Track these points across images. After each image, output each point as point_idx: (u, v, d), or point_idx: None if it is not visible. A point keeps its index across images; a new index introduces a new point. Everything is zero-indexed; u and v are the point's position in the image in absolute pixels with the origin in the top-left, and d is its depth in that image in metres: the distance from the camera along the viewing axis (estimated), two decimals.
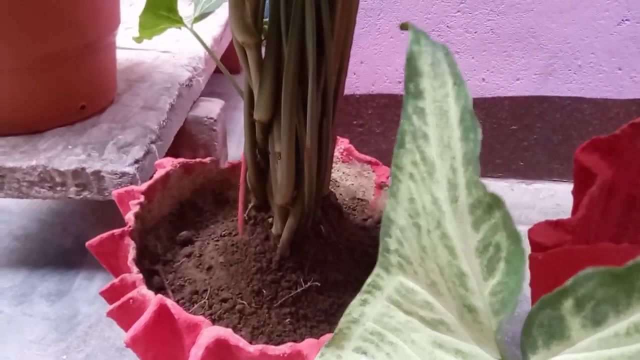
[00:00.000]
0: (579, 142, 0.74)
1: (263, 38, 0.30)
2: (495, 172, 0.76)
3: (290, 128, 0.30)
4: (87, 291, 0.59)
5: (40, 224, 0.69)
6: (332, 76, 0.30)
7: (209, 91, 0.90)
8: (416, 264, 0.14)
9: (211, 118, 0.73)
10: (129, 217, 0.34)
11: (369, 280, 0.16)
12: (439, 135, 0.14)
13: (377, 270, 0.15)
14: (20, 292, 0.58)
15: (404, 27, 0.14)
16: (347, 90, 0.69)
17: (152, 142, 0.58)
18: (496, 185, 0.78)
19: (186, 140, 0.77)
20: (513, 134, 0.73)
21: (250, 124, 0.33)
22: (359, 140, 0.74)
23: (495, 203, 0.13)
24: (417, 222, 0.14)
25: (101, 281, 0.60)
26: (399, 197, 0.14)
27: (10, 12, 0.46)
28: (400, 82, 0.70)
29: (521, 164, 0.74)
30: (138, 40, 0.36)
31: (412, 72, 0.14)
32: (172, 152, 0.75)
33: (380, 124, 0.72)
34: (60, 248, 0.65)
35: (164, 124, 0.62)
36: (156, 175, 0.39)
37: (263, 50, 0.31)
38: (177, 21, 0.35)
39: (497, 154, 0.75)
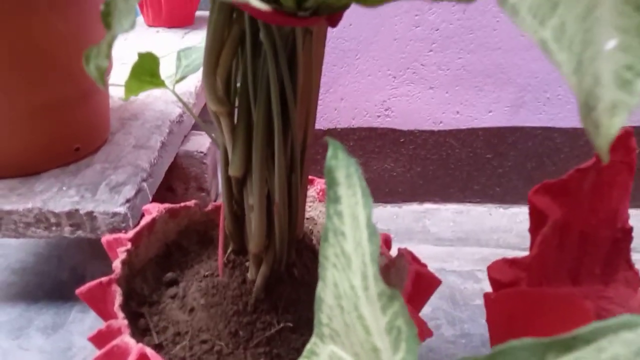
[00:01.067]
0: (552, 168, 0.78)
1: (236, 105, 0.33)
2: (474, 198, 0.79)
3: (260, 184, 0.34)
4: (82, 324, 0.61)
5: (37, 257, 0.72)
6: (298, 137, 0.34)
7: (203, 119, 0.94)
8: (343, 337, 0.17)
9: (201, 152, 0.77)
10: (116, 264, 0.37)
11: (307, 346, 0.19)
12: (353, 234, 0.17)
13: (314, 339, 0.19)
14: (17, 325, 0.61)
15: (326, 140, 0.18)
16: (330, 125, 0.73)
17: (144, 180, 0.61)
18: (475, 210, 0.81)
19: (178, 173, 0.80)
20: (489, 162, 0.76)
21: (227, 178, 0.36)
22: None
23: (394, 295, 0.16)
24: (340, 303, 0.17)
25: (95, 315, 0.63)
26: (326, 281, 0.17)
27: (9, 64, 0.50)
28: (379, 116, 0.73)
29: (498, 189, 0.78)
30: (126, 99, 0.40)
31: (331, 181, 0.17)
32: (164, 185, 0.78)
33: (362, 154, 0.75)
34: (56, 280, 0.68)
35: (155, 161, 0.65)
36: (143, 222, 0.42)
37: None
38: (160, 84, 0.38)
39: (475, 180, 0.78)
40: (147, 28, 1.12)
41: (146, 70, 0.36)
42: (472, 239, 0.79)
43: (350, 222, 0.17)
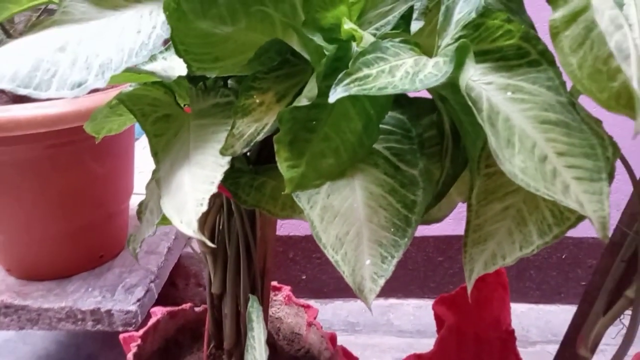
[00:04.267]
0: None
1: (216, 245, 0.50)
2: (431, 294, 0.92)
3: (232, 299, 0.49)
4: None
5: (58, 346, 0.86)
6: (258, 268, 0.49)
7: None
8: None
9: (200, 254, 0.93)
10: (129, 356, 0.51)
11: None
12: (258, 348, 0.32)
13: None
14: None
15: (251, 298, 0.34)
16: (306, 232, 0.89)
17: (152, 282, 0.77)
18: None
19: (180, 271, 0.96)
20: (441, 264, 0.91)
21: (210, 294, 0.51)
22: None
23: None
24: None
25: None
26: None
27: (58, 202, 0.67)
28: None
29: (451, 287, 0.91)
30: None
31: (249, 319, 0.33)
32: (168, 281, 0.93)
33: None
34: None
35: (162, 265, 0.81)
36: (150, 322, 0.57)
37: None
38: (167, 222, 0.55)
39: (431, 279, 0.92)
40: None
41: None
42: (430, 331, 0.92)
43: (257, 342, 0.32)
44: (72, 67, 0.31)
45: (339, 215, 0.30)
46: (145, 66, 0.40)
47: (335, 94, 0.25)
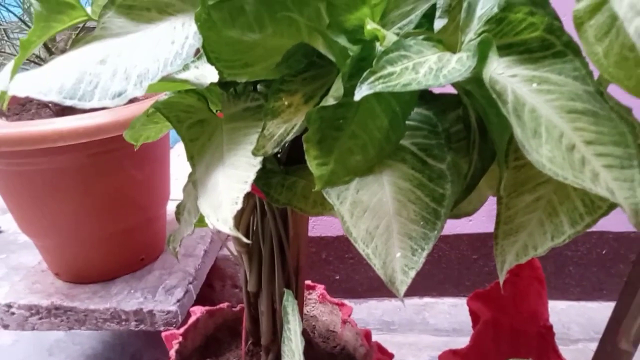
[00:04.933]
0: None
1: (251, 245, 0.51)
2: (466, 292, 0.91)
3: (267, 296, 0.50)
4: None
5: (104, 345, 0.90)
6: (292, 264, 0.51)
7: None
8: None
9: (236, 255, 0.95)
10: (172, 353, 0.53)
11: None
12: (294, 340, 0.33)
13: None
14: None
15: (286, 292, 0.35)
16: (339, 232, 0.90)
17: (190, 283, 0.79)
18: None
19: (216, 273, 0.98)
20: (475, 262, 0.90)
21: (246, 292, 0.53)
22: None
23: None
24: None
25: None
26: None
27: (101, 206, 0.71)
28: None
29: (486, 284, 0.90)
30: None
31: (285, 313, 0.34)
32: (205, 283, 0.95)
33: None
34: None
35: (199, 267, 0.84)
36: (190, 320, 0.59)
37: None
38: (204, 224, 0.57)
39: (466, 277, 0.92)
40: None
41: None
42: (466, 329, 0.91)
43: (293, 334, 0.33)
44: (112, 78, 0.33)
45: (368, 210, 0.31)
46: (179, 75, 0.42)
47: (361, 92, 0.26)
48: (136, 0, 0.37)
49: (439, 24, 0.36)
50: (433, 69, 0.28)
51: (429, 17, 0.36)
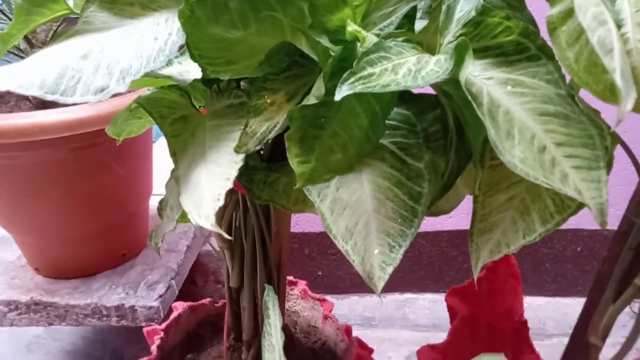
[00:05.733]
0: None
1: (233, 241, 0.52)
2: (446, 288, 0.93)
3: (249, 292, 0.51)
4: None
5: (85, 341, 0.89)
6: (274, 261, 0.51)
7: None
8: None
9: (219, 250, 0.95)
10: (153, 348, 0.53)
11: None
12: (274, 334, 0.34)
13: None
14: None
15: (267, 287, 0.35)
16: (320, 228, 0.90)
17: (172, 279, 0.79)
18: None
19: (199, 268, 0.98)
20: (455, 259, 0.92)
21: (229, 287, 0.53)
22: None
23: None
24: None
25: None
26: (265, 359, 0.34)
27: (83, 203, 0.70)
28: None
29: (466, 281, 0.92)
30: None
31: (266, 308, 0.34)
32: (188, 279, 0.95)
33: None
34: None
35: (182, 262, 0.84)
36: (172, 316, 0.59)
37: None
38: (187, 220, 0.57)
39: (446, 274, 0.93)
40: None
41: None
42: (446, 325, 0.93)
43: (273, 329, 0.34)
44: (95, 74, 0.33)
45: (348, 208, 0.32)
46: (162, 71, 0.42)
47: (341, 92, 0.26)
48: None
49: (420, 24, 0.37)
50: (412, 71, 0.29)
51: (409, 18, 0.37)
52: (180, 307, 0.61)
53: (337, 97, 0.26)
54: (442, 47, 0.32)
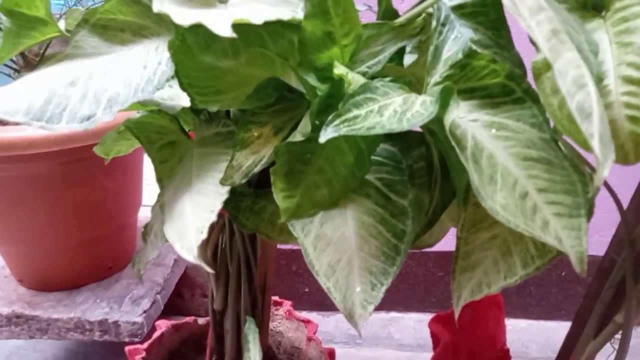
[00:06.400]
0: None
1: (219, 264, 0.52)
2: (432, 308, 0.93)
3: (233, 315, 0.51)
4: None
5: (67, 353, 0.88)
6: (259, 285, 0.51)
7: None
8: None
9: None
10: None
11: None
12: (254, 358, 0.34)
13: None
14: None
15: (248, 319, 0.35)
16: None
17: (158, 294, 0.79)
18: None
19: (186, 282, 0.97)
20: (441, 279, 0.92)
21: (212, 310, 0.53)
22: None
23: None
24: None
25: None
26: None
27: (72, 215, 0.70)
28: None
29: (451, 301, 0.92)
30: None
31: (246, 339, 0.34)
32: (174, 292, 0.95)
33: None
34: None
35: (168, 276, 0.83)
36: (155, 335, 0.59)
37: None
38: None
39: (431, 294, 0.93)
40: None
41: None
42: (430, 345, 0.93)
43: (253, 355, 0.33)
44: (82, 101, 0.33)
45: (331, 244, 0.32)
46: (152, 96, 0.42)
47: (326, 135, 0.27)
48: (110, 20, 0.37)
49: (409, 58, 0.38)
50: (397, 112, 0.29)
51: (399, 52, 0.37)
52: (163, 325, 0.61)
53: (322, 139, 0.26)
54: (428, 87, 0.32)
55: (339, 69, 0.29)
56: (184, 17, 0.27)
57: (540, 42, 0.21)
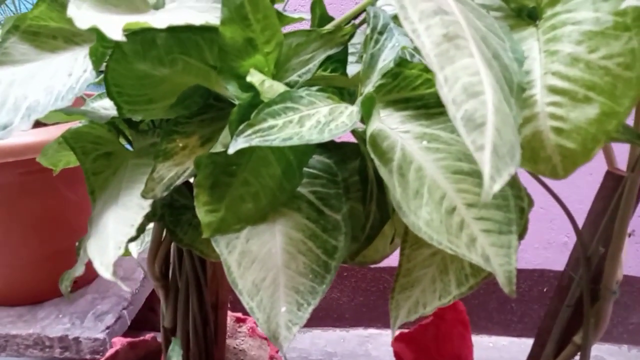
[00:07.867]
0: (474, 302, 0.90)
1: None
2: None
3: (183, 334, 0.49)
4: None
5: None
6: (209, 302, 0.49)
7: None
8: None
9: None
10: None
11: None
12: None
13: None
14: None
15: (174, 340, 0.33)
16: None
17: (124, 309, 0.77)
18: None
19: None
20: None
21: (164, 328, 0.51)
22: None
23: None
24: None
25: None
26: None
27: (31, 228, 0.68)
28: None
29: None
30: None
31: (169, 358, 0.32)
32: (147, 305, 0.92)
33: None
34: None
35: (137, 291, 0.81)
36: (108, 353, 0.57)
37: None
38: (127, 254, 0.55)
39: None
40: None
41: None
42: None
43: None
44: (0, 109, 0.31)
45: (256, 261, 0.30)
46: (94, 103, 0.41)
47: (236, 145, 0.25)
48: (42, 27, 0.36)
49: (354, 68, 0.36)
50: (321, 122, 0.27)
51: (342, 62, 0.36)
52: (119, 343, 0.58)
53: (231, 150, 0.25)
54: (360, 98, 0.31)
55: (253, 77, 0.27)
56: (82, 20, 0.26)
57: (426, 48, 0.19)
